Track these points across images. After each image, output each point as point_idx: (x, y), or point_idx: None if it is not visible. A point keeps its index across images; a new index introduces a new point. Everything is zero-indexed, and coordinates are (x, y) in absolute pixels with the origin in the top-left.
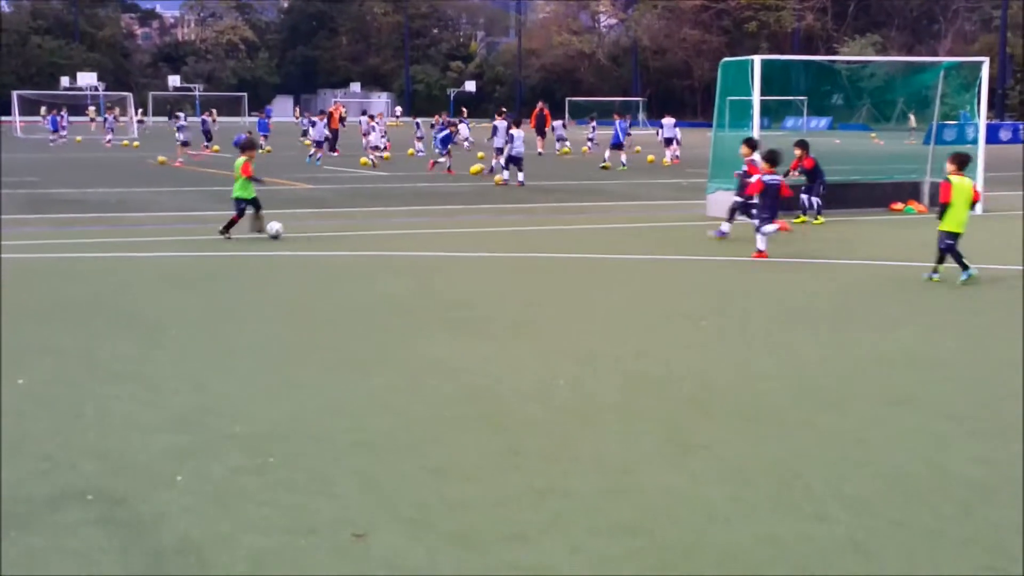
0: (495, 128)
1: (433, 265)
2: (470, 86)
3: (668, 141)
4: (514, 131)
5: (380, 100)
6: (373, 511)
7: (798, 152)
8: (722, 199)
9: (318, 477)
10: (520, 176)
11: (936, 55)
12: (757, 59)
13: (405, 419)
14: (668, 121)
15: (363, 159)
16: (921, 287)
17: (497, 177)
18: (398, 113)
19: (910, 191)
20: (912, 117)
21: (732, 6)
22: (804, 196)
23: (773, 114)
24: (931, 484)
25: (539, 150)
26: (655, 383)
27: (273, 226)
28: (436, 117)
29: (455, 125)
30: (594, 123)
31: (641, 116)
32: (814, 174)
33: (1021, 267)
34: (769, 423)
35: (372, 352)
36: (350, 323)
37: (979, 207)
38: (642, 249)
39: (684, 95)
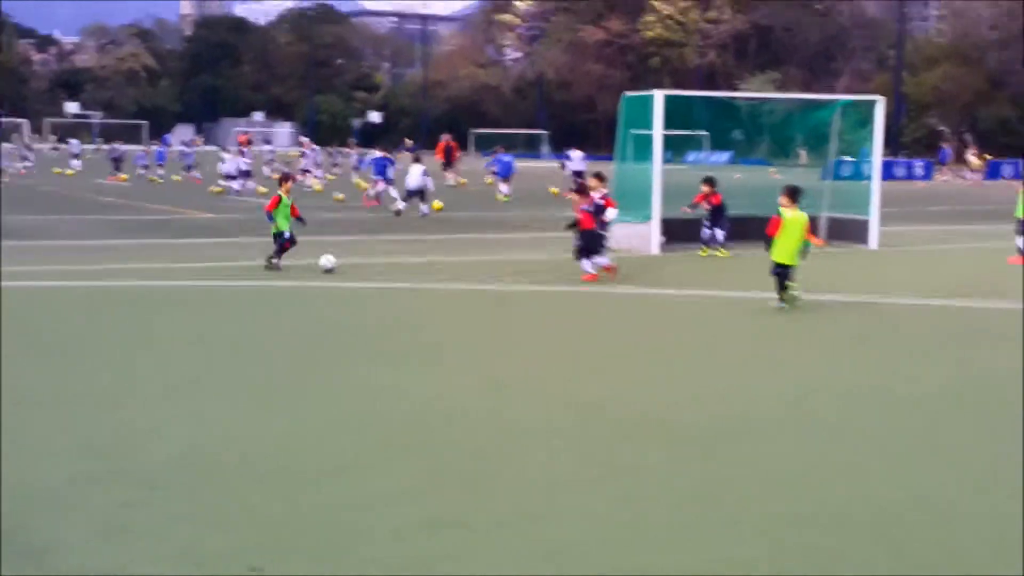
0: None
1: (341, 296)
2: (375, 117)
3: (577, 174)
4: (412, 166)
5: (284, 130)
6: (272, 545)
7: (705, 188)
8: (624, 231)
9: (214, 509)
10: (423, 208)
11: (834, 92)
12: (659, 93)
13: (315, 450)
14: (576, 154)
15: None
16: (828, 317)
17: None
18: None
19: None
20: (803, 153)
21: (636, 42)
22: (707, 230)
23: (676, 148)
24: (850, 511)
25: (449, 182)
26: (577, 408)
27: (328, 260)
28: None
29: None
30: (497, 155)
31: (545, 149)
32: (720, 209)
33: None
34: (692, 447)
35: (281, 382)
36: (257, 354)
37: (874, 241)
38: (554, 280)
39: (588, 128)
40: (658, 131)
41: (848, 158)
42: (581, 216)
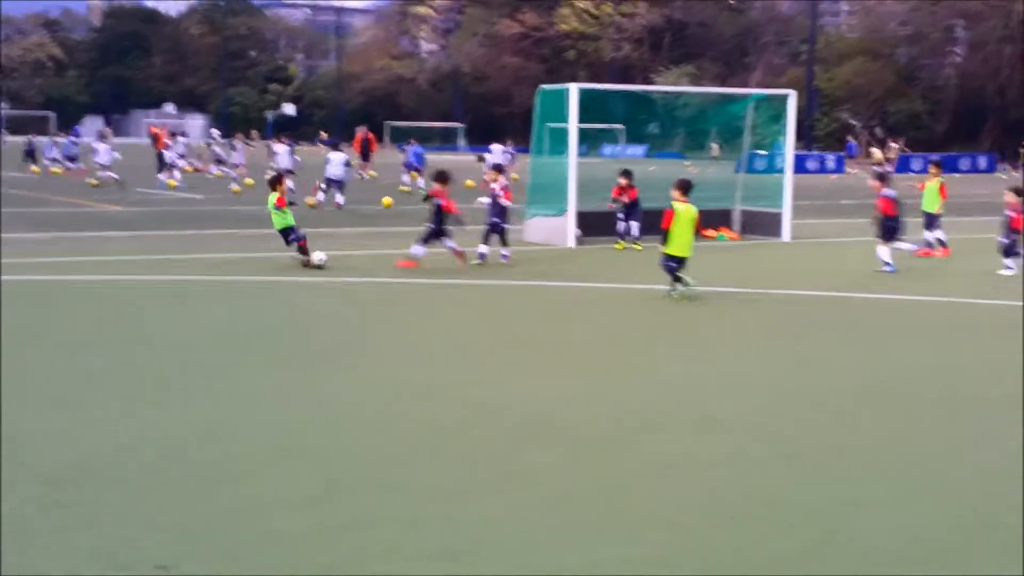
0: (274, 151)
1: (247, 291)
2: (289, 109)
3: (497, 168)
4: (331, 154)
5: (196, 121)
6: (179, 548)
7: (623, 181)
8: (540, 224)
9: (119, 513)
10: (338, 198)
11: (747, 86)
12: (574, 87)
13: (224, 452)
14: (497, 147)
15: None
16: (734, 309)
17: (309, 199)
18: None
19: (722, 218)
20: (715, 146)
21: (551, 35)
22: (622, 223)
23: (591, 141)
24: (745, 506)
25: (364, 175)
26: (480, 410)
27: (318, 256)
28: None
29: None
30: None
31: (461, 142)
32: (635, 203)
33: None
34: (589, 448)
35: (187, 384)
36: (164, 353)
37: (786, 234)
38: (458, 274)
39: (504, 121)
40: (573, 124)
41: (762, 151)
42: (443, 201)
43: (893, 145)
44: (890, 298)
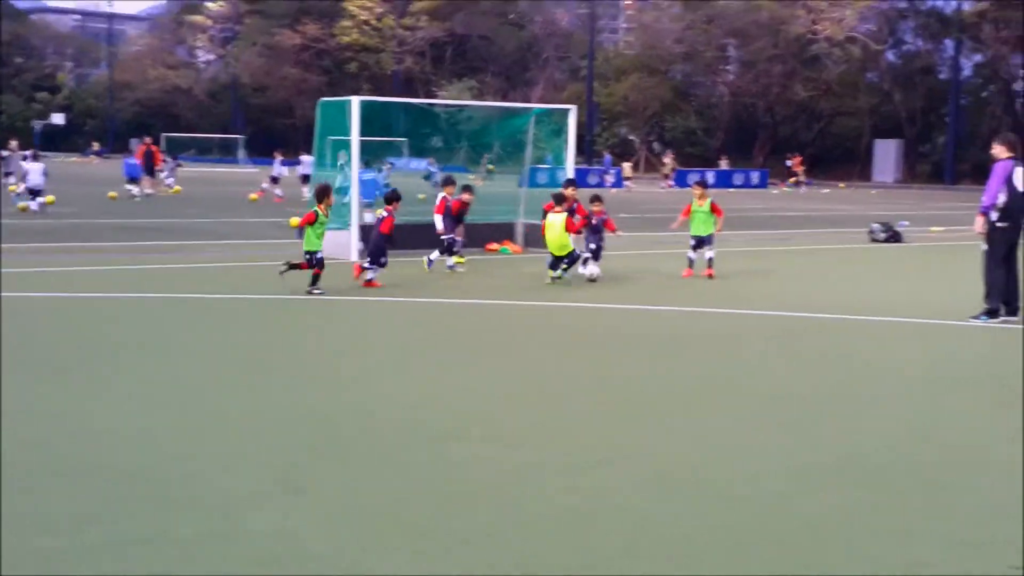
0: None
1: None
2: (58, 118)
3: (275, 180)
4: (31, 164)
5: None
6: None
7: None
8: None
9: None
10: (34, 205)
11: (529, 101)
12: (355, 100)
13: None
14: (278, 159)
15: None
16: (514, 322)
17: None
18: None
19: (506, 232)
20: (484, 159)
21: (332, 46)
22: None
23: (375, 154)
24: (528, 516)
25: (148, 190)
26: (262, 424)
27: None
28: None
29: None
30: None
31: (242, 154)
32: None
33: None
34: (376, 461)
35: None
36: None
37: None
38: (241, 288)
39: (287, 133)
40: (355, 137)
41: (544, 165)
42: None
43: (667, 161)
44: (670, 310)
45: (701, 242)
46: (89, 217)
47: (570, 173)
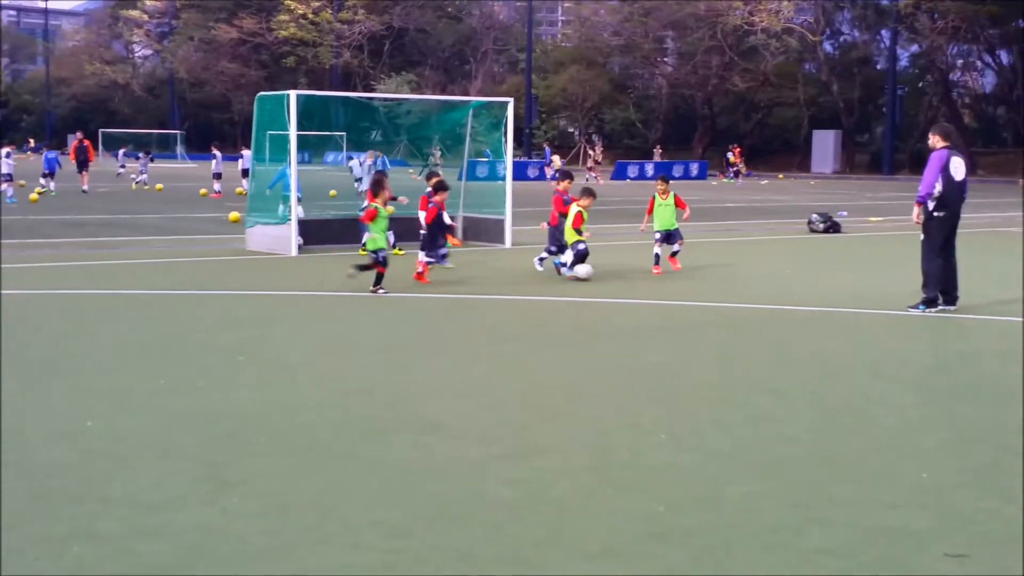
0: None
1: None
2: None
3: (217, 175)
4: None
5: None
6: None
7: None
8: (262, 233)
9: None
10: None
11: (468, 95)
12: (293, 94)
13: None
14: (217, 155)
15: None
16: (452, 317)
17: None
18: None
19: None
20: (437, 153)
21: (270, 41)
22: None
23: (313, 148)
24: (465, 508)
25: (83, 187)
26: (191, 420)
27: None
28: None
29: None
30: (124, 153)
31: (180, 149)
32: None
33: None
34: (309, 455)
35: None
36: None
37: (508, 240)
38: (175, 284)
39: (224, 128)
40: (293, 131)
41: (483, 159)
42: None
43: (592, 153)
44: (621, 303)
45: (670, 236)
46: (33, 213)
47: (509, 166)
